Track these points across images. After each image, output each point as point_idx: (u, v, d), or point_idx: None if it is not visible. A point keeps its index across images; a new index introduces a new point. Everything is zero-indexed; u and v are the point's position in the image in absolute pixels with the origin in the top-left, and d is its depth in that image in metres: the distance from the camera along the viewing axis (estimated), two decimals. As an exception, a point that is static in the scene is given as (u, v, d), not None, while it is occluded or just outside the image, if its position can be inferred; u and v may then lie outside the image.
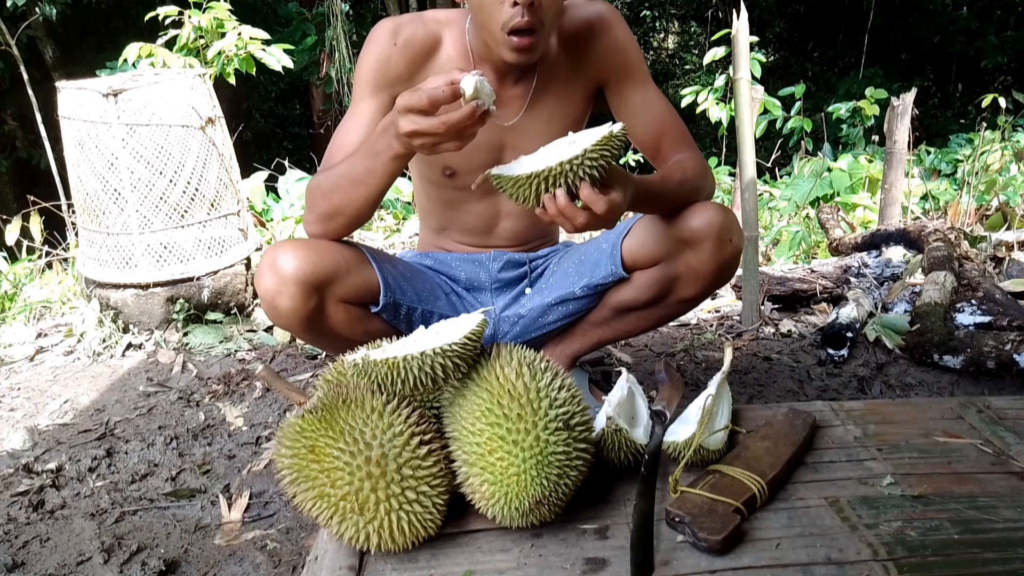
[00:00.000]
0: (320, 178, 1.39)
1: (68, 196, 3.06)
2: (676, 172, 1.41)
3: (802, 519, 1.07)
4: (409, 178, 3.91)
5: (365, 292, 1.46)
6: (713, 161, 5.96)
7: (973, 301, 2.41)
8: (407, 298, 1.52)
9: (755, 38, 3.84)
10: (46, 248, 3.54)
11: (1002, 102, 4.61)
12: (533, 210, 1.17)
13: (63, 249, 3.58)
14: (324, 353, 2.42)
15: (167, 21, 3.74)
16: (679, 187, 1.40)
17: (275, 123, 10.78)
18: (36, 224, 3.41)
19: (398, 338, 1.17)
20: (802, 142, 5.21)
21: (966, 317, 2.36)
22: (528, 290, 1.68)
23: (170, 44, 3.74)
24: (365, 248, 1.50)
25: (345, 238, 1.47)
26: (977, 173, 4.16)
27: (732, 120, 4.45)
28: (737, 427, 1.28)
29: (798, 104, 5.02)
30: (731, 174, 5.43)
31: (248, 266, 2.81)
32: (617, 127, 1.13)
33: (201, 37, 3.75)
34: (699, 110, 4.93)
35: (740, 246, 1.45)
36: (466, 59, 1.46)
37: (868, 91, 5.30)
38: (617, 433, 1.15)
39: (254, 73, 3.85)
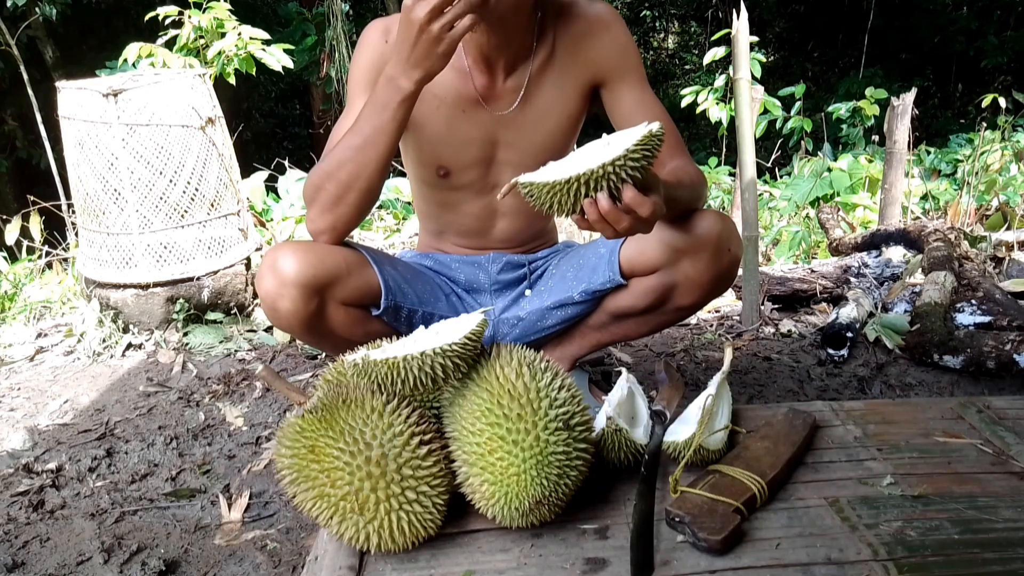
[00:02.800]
0: (318, 167, 1.39)
1: (68, 196, 3.07)
2: (683, 177, 1.40)
3: (802, 519, 1.07)
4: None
5: (366, 294, 1.46)
6: (713, 161, 5.97)
7: (973, 301, 2.41)
8: (408, 300, 1.52)
9: (755, 38, 3.84)
10: (46, 248, 3.54)
11: (1002, 102, 4.61)
12: (569, 217, 1.13)
13: (63, 249, 3.58)
14: (324, 353, 2.42)
15: (167, 21, 3.74)
16: (686, 192, 1.39)
17: (275, 123, 10.78)
18: (36, 224, 3.41)
19: (398, 338, 1.16)
20: (802, 142, 5.21)
21: (966, 317, 2.36)
22: (527, 292, 1.68)
23: (170, 44, 3.74)
24: (366, 250, 1.50)
25: (346, 240, 1.47)
26: (977, 173, 4.16)
27: (732, 120, 4.45)
28: (737, 427, 1.28)
29: (798, 104, 5.02)
30: (731, 174, 5.43)
31: (248, 266, 2.81)
32: (655, 126, 1.09)
33: (201, 37, 3.75)
34: (699, 110, 4.93)
35: (739, 255, 1.44)
36: (456, 54, 1.46)
37: (868, 91, 5.29)
38: (617, 433, 1.15)
39: (254, 73, 3.85)
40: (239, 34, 3.74)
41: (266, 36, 3.83)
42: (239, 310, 2.75)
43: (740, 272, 2.54)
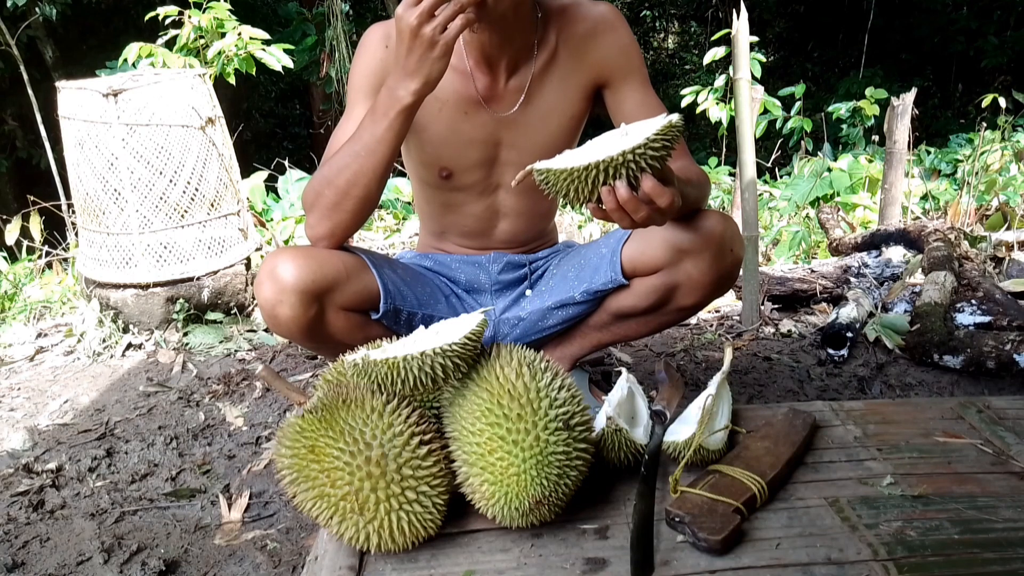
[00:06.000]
0: (318, 173, 1.39)
1: (68, 196, 3.07)
2: (691, 176, 1.40)
3: (802, 519, 1.07)
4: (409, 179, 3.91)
5: (365, 299, 1.46)
6: (713, 161, 5.97)
7: (973, 301, 2.41)
8: (407, 303, 1.52)
9: (755, 38, 3.84)
10: (46, 248, 3.55)
11: (1002, 102, 4.60)
12: (586, 206, 1.12)
13: (63, 249, 3.59)
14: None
15: (167, 21, 3.74)
16: (694, 191, 1.39)
17: (275, 123, 10.78)
18: (36, 224, 3.41)
19: (399, 339, 1.16)
20: (802, 142, 5.20)
21: (966, 317, 2.36)
22: (528, 292, 1.68)
23: (170, 44, 3.74)
24: (364, 253, 1.50)
25: (345, 244, 1.47)
26: (977, 173, 4.16)
27: (732, 120, 4.45)
28: (737, 427, 1.28)
29: (798, 104, 5.02)
30: (731, 174, 5.42)
31: (248, 266, 2.81)
32: (675, 117, 1.08)
33: (201, 37, 3.76)
34: (699, 110, 4.92)
35: (741, 256, 1.44)
36: (458, 55, 1.46)
37: (868, 91, 5.29)
38: (617, 433, 1.15)
39: (254, 73, 3.85)
40: (239, 34, 3.74)
41: (266, 36, 3.83)
42: (239, 310, 2.75)
43: (740, 272, 2.55)
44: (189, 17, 3.71)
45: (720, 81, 4.82)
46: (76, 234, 3.19)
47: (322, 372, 1.19)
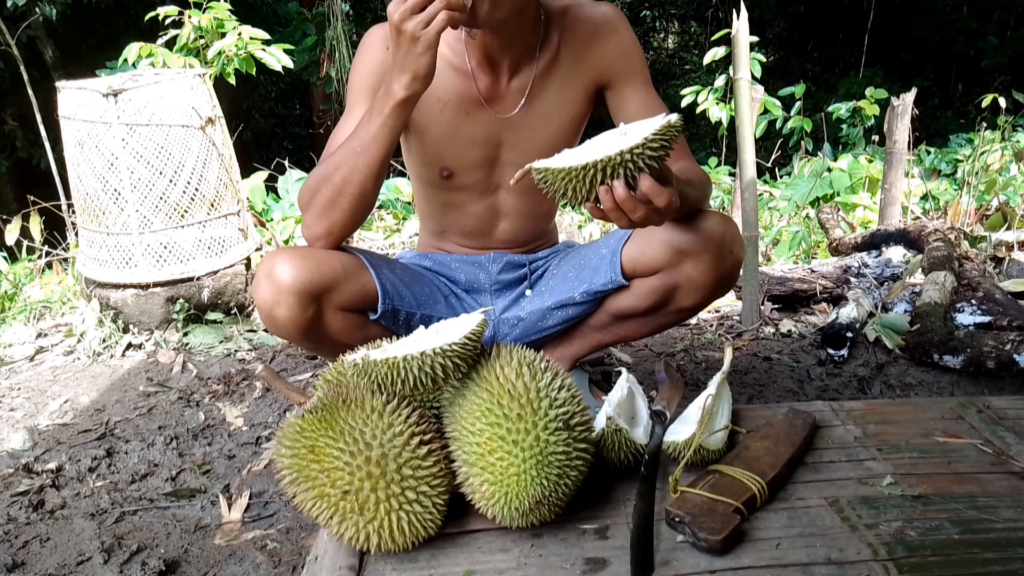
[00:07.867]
0: (314, 172, 1.40)
1: (68, 196, 3.07)
2: (692, 176, 1.40)
3: (802, 519, 1.07)
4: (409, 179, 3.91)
5: (363, 299, 1.46)
6: (713, 161, 5.96)
7: (973, 301, 2.41)
8: (406, 303, 1.52)
9: (755, 38, 3.84)
10: (46, 248, 3.55)
11: (1002, 102, 4.60)
12: (583, 205, 1.12)
13: (63, 249, 3.59)
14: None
15: (167, 21, 3.74)
16: (695, 192, 1.38)
17: (275, 123, 10.77)
18: (36, 224, 3.41)
19: (398, 339, 1.16)
20: (802, 142, 5.20)
21: (966, 317, 2.36)
22: (528, 292, 1.68)
23: (170, 44, 3.74)
24: (363, 253, 1.49)
25: (343, 244, 1.47)
26: (977, 173, 4.16)
27: (732, 120, 4.45)
28: (737, 427, 1.28)
29: (798, 104, 5.02)
30: (731, 174, 5.42)
31: (248, 266, 2.81)
32: (673, 117, 1.08)
33: (201, 37, 3.76)
34: (699, 110, 4.92)
35: (741, 257, 1.44)
36: (460, 56, 1.46)
37: (868, 91, 5.29)
38: (617, 433, 1.15)
39: (254, 73, 3.85)
40: (239, 34, 3.74)
41: (266, 36, 3.83)
42: (239, 310, 2.75)
43: (740, 273, 2.54)
44: (189, 17, 3.71)
45: (720, 81, 4.82)
46: (76, 234, 3.19)
47: (322, 372, 1.19)
